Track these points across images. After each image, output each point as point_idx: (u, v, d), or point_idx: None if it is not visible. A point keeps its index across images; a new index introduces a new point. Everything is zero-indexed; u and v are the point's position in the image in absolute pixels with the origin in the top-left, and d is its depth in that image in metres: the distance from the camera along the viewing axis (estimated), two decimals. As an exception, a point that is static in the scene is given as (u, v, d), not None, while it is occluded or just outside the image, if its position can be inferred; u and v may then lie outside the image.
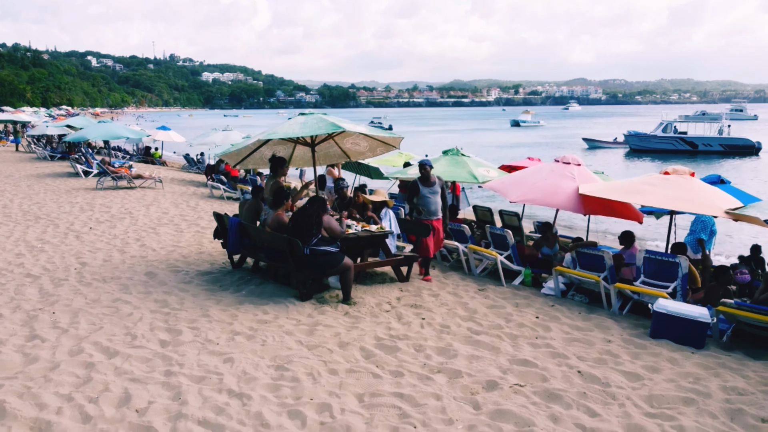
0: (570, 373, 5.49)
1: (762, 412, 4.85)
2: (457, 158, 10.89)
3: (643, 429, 4.49)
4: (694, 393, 5.18)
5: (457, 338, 6.28)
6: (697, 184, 7.74)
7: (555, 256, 9.12)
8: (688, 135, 47.66)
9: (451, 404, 4.75)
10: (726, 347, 6.53)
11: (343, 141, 9.05)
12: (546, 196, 8.76)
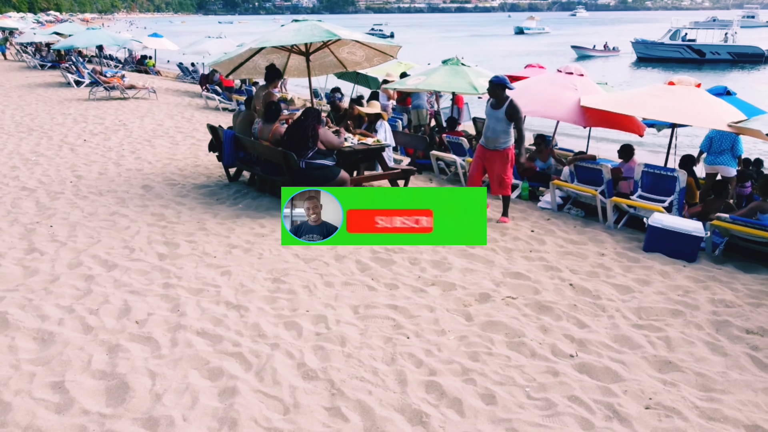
0: (562, 286, 5.58)
1: (747, 323, 4.98)
2: (457, 68, 10.57)
3: (630, 339, 4.62)
4: (683, 305, 5.29)
5: (452, 252, 6.34)
6: (701, 96, 7.56)
7: (549, 170, 9.06)
8: (696, 43, 46.22)
9: (444, 316, 4.86)
10: (718, 261, 6.62)
11: (339, 50, 8.75)
12: (547, 108, 8.59)
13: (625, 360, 4.31)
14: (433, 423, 3.51)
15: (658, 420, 3.65)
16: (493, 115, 7.03)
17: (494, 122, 7.02)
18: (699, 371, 4.20)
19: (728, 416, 3.70)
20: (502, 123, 6.98)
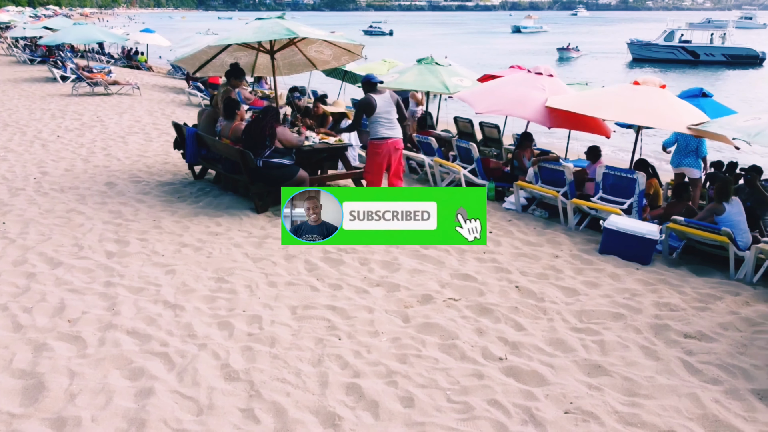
0: (508, 288, 5.57)
1: (687, 327, 4.97)
2: (431, 67, 10.55)
3: (564, 343, 4.61)
4: (626, 309, 5.28)
5: (404, 252, 6.32)
6: (664, 98, 7.52)
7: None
8: (690, 44, 46.17)
9: (381, 317, 4.84)
10: (673, 264, 6.61)
11: (307, 49, 8.73)
12: (513, 107, 8.57)
13: (555, 364, 4.30)
14: (345, 426, 3.50)
15: (575, 425, 3.64)
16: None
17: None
18: (627, 375, 4.19)
19: (646, 421, 3.69)
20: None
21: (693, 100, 9.89)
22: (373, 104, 6.77)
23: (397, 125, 6.91)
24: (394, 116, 6.84)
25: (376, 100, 6.79)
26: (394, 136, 6.87)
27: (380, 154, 6.90)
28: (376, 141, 6.89)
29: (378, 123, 6.83)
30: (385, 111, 6.80)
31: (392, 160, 6.94)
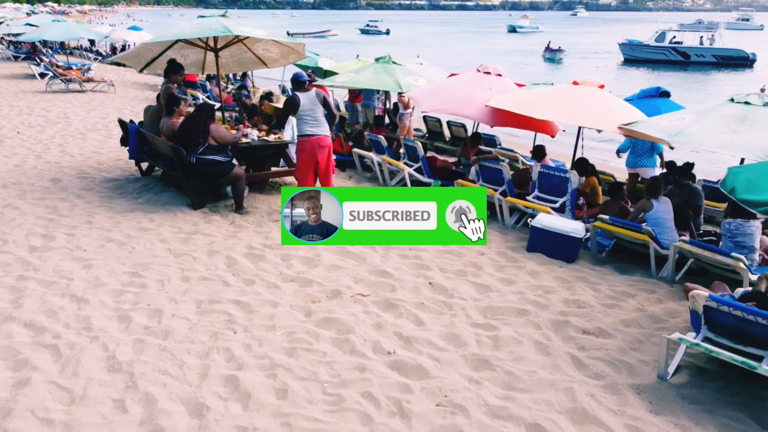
0: (421, 285, 5.63)
1: (588, 324, 5.04)
2: (387, 66, 10.60)
3: (459, 338, 4.68)
4: (534, 305, 5.35)
5: (330, 249, 6.38)
6: (601, 97, 7.58)
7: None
8: (682, 45, 46.20)
9: (283, 312, 4.91)
10: (599, 262, 6.68)
11: (254, 47, 8.80)
12: (458, 106, 8.62)
13: (443, 358, 4.37)
14: (211, 416, 3.56)
15: (442, 417, 3.70)
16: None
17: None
18: (510, 370, 4.26)
19: (513, 414, 3.76)
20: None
21: (650, 100, 9.97)
22: (297, 102, 6.86)
23: (323, 123, 6.98)
24: (319, 114, 6.92)
25: (300, 98, 6.87)
26: (319, 134, 6.95)
27: (305, 151, 6.98)
28: (300, 138, 6.99)
29: (302, 120, 6.92)
30: (310, 109, 6.88)
31: (319, 158, 7.01)
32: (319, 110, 6.98)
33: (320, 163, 7.09)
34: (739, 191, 4.42)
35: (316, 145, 7.00)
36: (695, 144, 6.14)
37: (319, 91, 7.06)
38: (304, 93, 6.98)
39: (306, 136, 6.99)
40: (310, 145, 7.00)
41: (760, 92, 6.61)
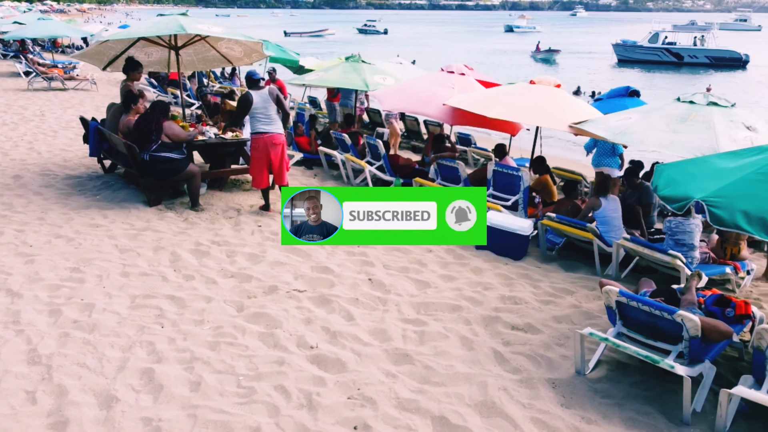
0: (361, 281, 5.69)
1: (518, 320, 5.09)
2: (356, 65, 10.66)
3: (385, 332, 4.73)
4: (470, 301, 5.40)
5: (278, 245, 6.44)
6: (555, 96, 7.65)
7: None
8: (675, 46, 46.25)
9: (215, 307, 4.97)
10: (546, 259, 6.73)
11: (218, 45, 8.86)
12: (419, 105, 8.70)
13: (364, 352, 4.42)
14: (118, 407, 3.62)
15: (350, 410, 3.76)
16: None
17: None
18: (429, 364, 4.31)
19: (422, 407, 3.81)
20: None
21: (619, 100, 10.03)
22: (250, 100, 6.92)
23: (277, 121, 7.04)
24: (272, 112, 6.98)
25: (253, 97, 6.93)
26: (271, 131, 7.01)
27: (258, 148, 7.05)
28: (254, 135, 7.06)
29: (255, 118, 6.98)
30: (262, 107, 6.94)
31: (272, 156, 7.06)
32: (272, 108, 7.04)
33: (273, 161, 7.14)
34: (660, 188, 4.48)
35: (269, 142, 7.05)
36: (636, 143, 6.20)
37: (272, 89, 7.11)
38: (258, 91, 7.03)
39: (259, 134, 7.05)
40: (263, 142, 7.06)
41: (706, 91, 6.67)
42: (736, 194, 3.95)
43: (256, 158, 7.14)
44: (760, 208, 3.80)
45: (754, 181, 3.98)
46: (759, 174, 4.01)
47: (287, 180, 7.39)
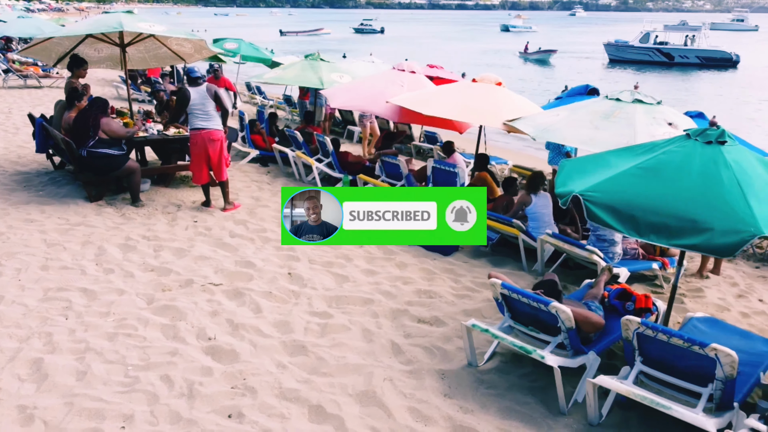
0: (281, 275, 5.75)
1: (427, 313, 5.17)
2: (314, 63, 10.74)
3: (288, 324, 4.81)
4: (384, 295, 5.48)
5: (208, 240, 6.51)
6: (494, 94, 7.69)
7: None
8: (666, 46, 46.28)
9: (126, 299, 5.04)
10: (477, 255, 6.80)
11: (168, 42, 8.93)
12: (366, 103, 8.77)
13: (261, 344, 4.49)
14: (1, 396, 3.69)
15: (230, 399, 3.83)
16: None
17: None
18: (322, 356, 4.39)
19: (302, 396, 3.89)
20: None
21: (577, 98, 10.08)
22: (187, 96, 6.98)
23: (215, 117, 7.10)
24: (210, 108, 7.03)
25: (191, 93, 6.99)
26: (208, 127, 7.07)
27: (196, 144, 7.11)
28: (192, 132, 7.12)
29: (193, 115, 7.05)
30: (200, 103, 7.00)
31: (210, 152, 7.13)
32: (210, 105, 7.10)
33: (212, 157, 7.21)
34: (557, 184, 4.53)
35: (207, 138, 7.12)
36: (558, 139, 6.27)
37: (210, 86, 7.17)
38: (195, 87, 7.10)
39: (196, 130, 7.12)
40: (201, 138, 7.13)
41: (633, 89, 6.73)
42: (611, 189, 4.00)
43: (194, 154, 7.21)
44: (631, 203, 3.85)
45: (632, 176, 4.03)
46: (639, 169, 4.06)
47: (226, 176, 7.46)
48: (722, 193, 3.70)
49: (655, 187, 3.91)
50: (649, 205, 3.81)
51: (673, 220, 3.69)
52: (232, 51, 15.41)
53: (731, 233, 3.48)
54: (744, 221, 3.49)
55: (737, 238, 3.45)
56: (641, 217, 3.80)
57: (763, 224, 3.46)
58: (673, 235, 3.68)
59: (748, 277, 7.11)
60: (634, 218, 3.82)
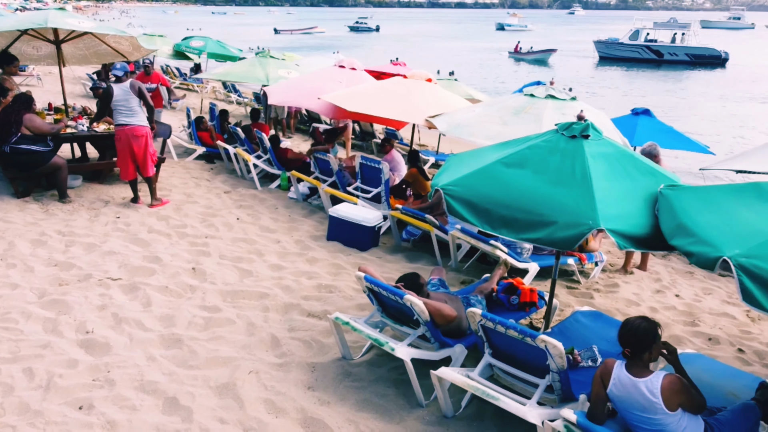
0: (184, 270, 5.78)
1: (319, 307, 5.20)
2: (263, 60, 10.76)
3: (173, 318, 4.84)
4: (283, 290, 5.51)
5: (124, 236, 6.52)
6: (422, 91, 7.72)
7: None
8: (655, 44, 46.25)
9: (16, 293, 5.06)
10: (394, 251, 6.83)
11: (106, 39, 8.95)
12: (302, 99, 8.81)
13: (139, 337, 4.52)
14: None
15: (87, 391, 3.87)
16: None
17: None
18: (196, 349, 4.41)
19: (159, 389, 3.92)
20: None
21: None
22: (110, 93, 7.03)
23: (138, 113, 7.14)
24: (134, 105, 7.08)
25: (114, 90, 7.04)
26: (132, 123, 7.11)
27: (120, 140, 7.17)
28: (116, 128, 7.17)
29: (117, 111, 7.09)
30: (124, 99, 7.04)
31: (135, 148, 7.17)
32: (133, 101, 7.14)
33: (137, 153, 7.24)
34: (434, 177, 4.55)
35: (131, 134, 7.15)
36: (467, 135, 6.28)
37: (134, 82, 7.20)
38: (119, 84, 7.13)
39: (120, 126, 7.16)
40: (124, 134, 7.16)
41: (549, 84, 6.74)
42: (471, 183, 4.03)
43: (119, 150, 7.25)
44: (487, 198, 3.87)
45: (494, 170, 4.05)
46: (502, 164, 4.08)
47: (152, 171, 7.48)
48: (572, 187, 3.72)
49: (512, 181, 3.93)
50: (503, 199, 3.84)
51: (522, 214, 3.71)
52: (198, 49, 15.43)
53: (572, 226, 3.50)
54: (585, 214, 3.51)
55: (576, 231, 3.47)
56: (494, 211, 3.82)
57: (602, 217, 3.48)
58: (521, 228, 3.70)
59: (675, 273, 7.15)
60: (488, 212, 3.85)
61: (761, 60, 47.82)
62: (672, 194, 3.65)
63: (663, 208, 3.60)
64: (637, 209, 3.67)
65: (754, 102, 27.15)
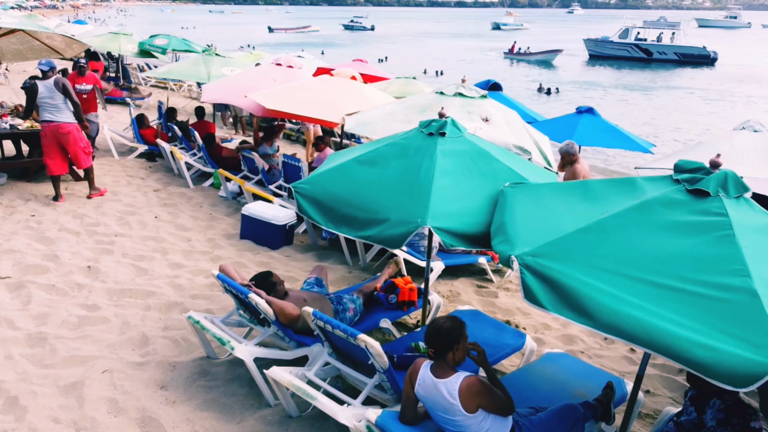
0: (79, 269, 5.74)
1: (204, 306, 5.17)
2: (208, 58, 10.73)
3: (48, 316, 4.81)
4: (173, 288, 5.48)
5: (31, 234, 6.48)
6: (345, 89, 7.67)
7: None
8: (644, 42, 46.17)
9: None
10: (311, 249, 6.80)
11: (39, 36, 8.92)
12: (235, 97, 8.73)
13: (3, 335, 4.48)
14: None
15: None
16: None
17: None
18: (58, 348, 4.38)
19: (4, 388, 3.87)
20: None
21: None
22: (35, 90, 7.05)
23: (64, 110, 7.15)
24: (58, 101, 7.09)
25: (39, 87, 7.05)
26: (57, 120, 7.13)
27: (45, 136, 7.22)
28: (42, 124, 7.19)
29: (43, 108, 7.11)
30: (48, 96, 7.05)
31: (63, 144, 7.21)
32: (58, 98, 7.13)
33: (68, 149, 7.28)
34: (307, 176, 4.52)
35: (56, 131, 7.16)
36: (369, 133, 6.22)
37: (59, 78, 7.17)
38: (43, 81, 7.11)
39: (45, 123, 7.17)
40: (49, 131, 7.18)
41: (461, 82, 6.70)
42: (321, 182, 3.99)
43: (45, 146, 7.28)
44: (333, 196, 3.84)
45: (346, 168, 4.02)
46: (356, 161, 4.04)
47: (88, 163, 7.52)
48: (411, 185, 3.69)
49: (359, 179, 3.90)
50: (347, 197, 3.80)
51: (360, 212, 3.67)
52: (162, 47, 15.37)
53: (401, 224, 3.46)
54: (415, 212, 3.47)
55: (404, 229, 3.43)
56: (337, 210, 3.79)
57: (432, 215, 3.45)
58: (359, 226, 3.66)
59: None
60: (332, 210, 3.81)
61: (752, 59, 47.71)
62: (509, 192, 3.61)
63: (498, 206, 3.56)
64: (476, 207, 3.62)
65: (733, 103, 27.05)
